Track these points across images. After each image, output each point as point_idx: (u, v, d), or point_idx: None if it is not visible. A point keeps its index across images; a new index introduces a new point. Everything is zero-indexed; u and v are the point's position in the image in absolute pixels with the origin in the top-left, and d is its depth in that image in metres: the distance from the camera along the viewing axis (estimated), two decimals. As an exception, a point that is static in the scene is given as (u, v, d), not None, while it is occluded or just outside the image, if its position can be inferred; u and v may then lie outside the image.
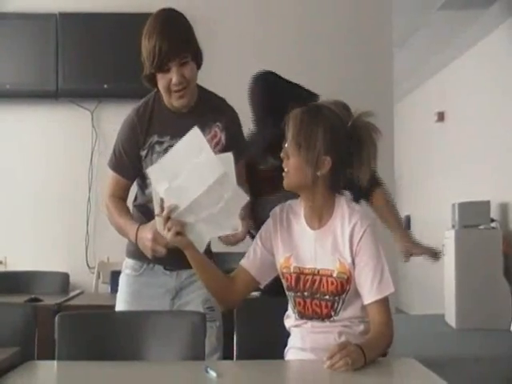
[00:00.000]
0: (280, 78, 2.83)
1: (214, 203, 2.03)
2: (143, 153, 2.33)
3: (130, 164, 2.35)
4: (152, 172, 2.17)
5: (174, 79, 2.23)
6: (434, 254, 2.82)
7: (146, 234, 2.18)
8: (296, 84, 2.82)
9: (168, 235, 1.99)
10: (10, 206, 4.58)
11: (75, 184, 4.54)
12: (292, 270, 2.04)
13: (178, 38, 2.22)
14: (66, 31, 4.49)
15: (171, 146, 2.29)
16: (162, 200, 2.00)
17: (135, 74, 2.54)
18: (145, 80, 2.32)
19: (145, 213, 2.35)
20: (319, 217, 2.05)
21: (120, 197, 2.39)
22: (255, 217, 2.49)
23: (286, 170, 2.03)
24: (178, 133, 2.29)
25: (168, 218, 1.98)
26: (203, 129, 2.32)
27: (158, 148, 2.32)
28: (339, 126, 1.99)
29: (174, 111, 2.35)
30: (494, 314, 6.94)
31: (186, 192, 2.05)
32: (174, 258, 2.23)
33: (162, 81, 2.26)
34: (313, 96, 2.78)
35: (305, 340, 2.03)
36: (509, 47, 7.07)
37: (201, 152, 2.09)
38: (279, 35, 4.62)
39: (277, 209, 2.14)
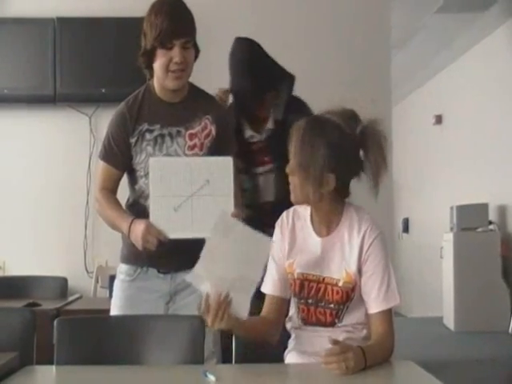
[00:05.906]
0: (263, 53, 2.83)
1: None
2: (133, 140, 2.35)
3: (119, 152, 2.37)
4: (153, 165, 2.19)
5: (177, 58, 2.26)
6: None
7: (139, 226, 2.20)
8: (273, 61, 2.82)
9: (222, 324, 1.81)
10: (8, 211, 4.57)
11: (74, 188, 4.53)
12: (296, 276, 2.02)
13: (186, 20, 2.30)
14: (63, 36, 4.48)
15: (161, 134, 2.33)
16: (207, 295, 1.82)
17: (133, 79, 2.56)
18: (142, 58, 2.33)
19: (137, 212, 2.35)
20: (327, 224, 2.01)
21: (110, 190, 2.39)
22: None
23: (291, 185, 1.98)
24: (169, 122, 2.33)
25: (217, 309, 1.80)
26: (193, 119, 2.35)
27: (148, 136, 2.34)
28: (343, 141, 1.92)
29: (165, 100, 2.37)
30: (492, 317, 6.94)
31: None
32: (168, 261, 2.24)
33: (162, 58, 2.28)
34: (286, 76, 2.78)
35: (306, 343, 2.02)
36: (506, 50, 7.09)
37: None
38: (275, 36, 4.59)
39: (283, 216, 2.09)
